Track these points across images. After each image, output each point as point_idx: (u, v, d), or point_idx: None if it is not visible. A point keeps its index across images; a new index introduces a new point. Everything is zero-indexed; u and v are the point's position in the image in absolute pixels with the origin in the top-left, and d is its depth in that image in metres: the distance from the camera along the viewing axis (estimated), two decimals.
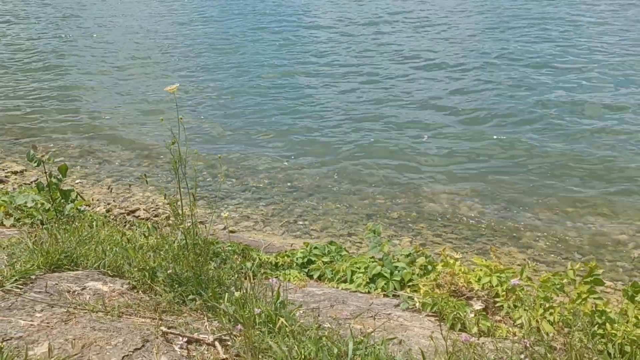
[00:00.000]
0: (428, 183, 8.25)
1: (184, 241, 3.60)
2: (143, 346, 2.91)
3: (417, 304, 4.00)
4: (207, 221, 6.57)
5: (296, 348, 2.79)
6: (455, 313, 3.75)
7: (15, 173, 8.86)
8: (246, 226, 7.30)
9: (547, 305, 3.60)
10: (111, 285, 3.60)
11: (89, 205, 7.33)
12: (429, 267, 4.51)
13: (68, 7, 22.89)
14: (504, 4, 19.68)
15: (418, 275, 4.50)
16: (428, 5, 20.24)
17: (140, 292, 3.55)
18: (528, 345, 2.90)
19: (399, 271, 4.57)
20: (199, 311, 3.36)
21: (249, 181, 8.56)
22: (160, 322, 3.14)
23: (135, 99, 12.35)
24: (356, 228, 7.17)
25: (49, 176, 5.14)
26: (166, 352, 2.89)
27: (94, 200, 7.84)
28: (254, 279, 3.65)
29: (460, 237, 6.91)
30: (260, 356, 2.80)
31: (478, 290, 4.06)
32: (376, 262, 4.74)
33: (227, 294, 3.31)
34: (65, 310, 3.18)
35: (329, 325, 3.24)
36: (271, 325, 3.02)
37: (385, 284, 4.51)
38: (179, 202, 3.62)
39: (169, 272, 3.50)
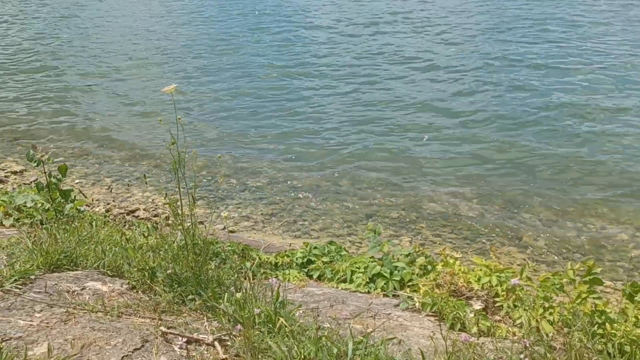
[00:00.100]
0: (428, 183, 8.25)
1: (183, 241, 3.60)
2: (142, 346, 2.91)
3: (417, 303, 4.00)
4: (206, 221, 6.58)
5: (296, 348, 2.79)
6: (455, 313, 3.76)
7: (14, 173, 8.86)
8: (246, 226, 7.30)
9: (546, 305, 3.60)
10: (111, 285, 3.60)
11: (88, 205, 7.34)
12: (429, 267, 4.51)
13: (66, 7, 22.89)
14: (505, 4, 19.68)
15: (418, 275, 4.50)
16: (428, 6, 20.24)
17: (140, 292, 3.55)
18: (528, 345, 2.90)
19: (398, 271, 4.57)
20: (198, 311, 3.36)
21: (248, 181, 8.56)
22: (160, 322, 3.14)
23: (133, 99, 12.34)
24: (356, 228, 7.17)
25: (48, 176, 5.13)
26: (166, 352, 2.89)
27: (93, 201, 7.85)
28: (253, 279, 3.64)
29: (460, 237, 6.91)
30: (259, 356, 2.80)
31: (478, 290, 4.06)
32: (376, 262, 4.74)
33: (226, 294, 3.31)
34: (64, 311, 3.18)
35: (328, 325, 3.24)
36: (271, 325, 3.02)
37: (385, 284, 4.51)
38: (178, 202, 3.62)
39: (168, 272, 3.49)
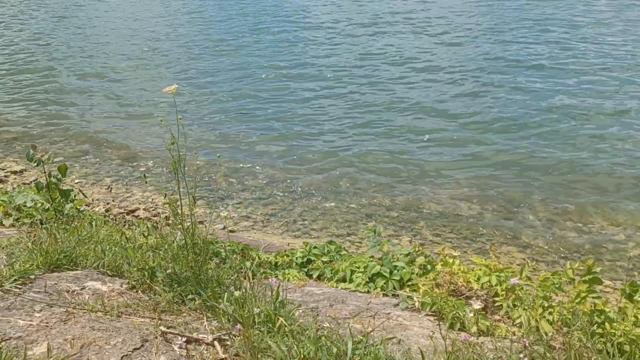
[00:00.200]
0: (428, 183, 8.25)
1: (183, 241, 3.60)
2: (142, 346, 2.91)
3: (417, 303, 4.00)
4: (206, 221, 6.58)
5: (295, 348, 2.79)
6: (454, 312, 3.76)
7: (14, 173, 8.86)
8: (246, 226, 7.30)
9: (546, 305, 3.60)
10: (110, 285, 3.60)
11: (88, 205, 7.34)
12: (428, 267, 4.51)
13: (65, 8, 22.88)
14: (505, 4, 19.68)
15: (417, 274, 4.50)
16: (428, 6, 20.23)
17: (140, 291, 3.55)
18: (527, 345, 2.90)
19: (398, 270, 4.57)
20: (198, 311, 3.36)
21: (248, 181, 8.56)
22: (160, 321, 3.14)
23: (133, 100, 12.35)
24: (355, 228, 7.17)
25: (48, 176, 5.13)
26: (165, 352, 2.89)
27: (93, 200, 7.85)
28: (253, 278, 3.64)
29: (460, 236, 6.91)
30: (259, 356, 2.80)
31: (477, 289, 4.06)
32: (375, 261, 4.74)
33: (226, 293, 3.30)
34: (64, 310, 3.18)
35: (328, 325, 3.23)
36: (270, 324, 3.02)
37: (385, 284, 4.51)
38: (178, 202, 3.62)
39: (168, 271, 3.49)
